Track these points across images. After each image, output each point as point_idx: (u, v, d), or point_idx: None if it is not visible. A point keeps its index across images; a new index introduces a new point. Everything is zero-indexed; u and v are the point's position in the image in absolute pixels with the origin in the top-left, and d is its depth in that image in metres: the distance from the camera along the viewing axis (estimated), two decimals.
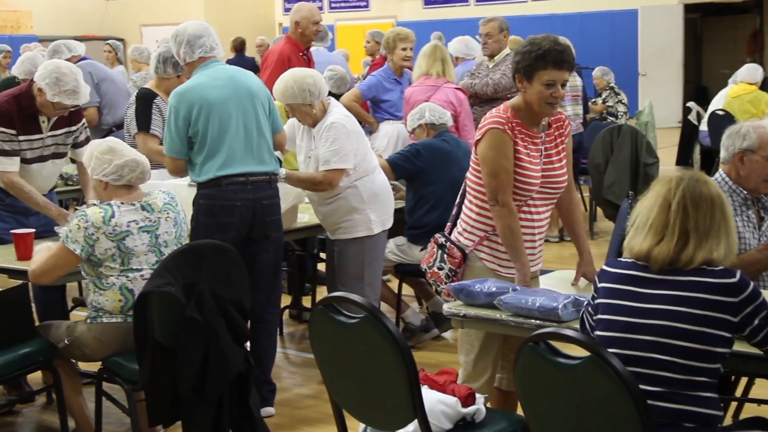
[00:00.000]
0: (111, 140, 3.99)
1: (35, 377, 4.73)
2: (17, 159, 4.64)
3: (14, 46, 12.71)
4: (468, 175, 3.65)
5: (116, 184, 3.87)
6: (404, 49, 6.86)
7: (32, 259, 3.97)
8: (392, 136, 6.86)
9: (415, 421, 2.82)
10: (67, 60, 6.61)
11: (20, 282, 4.04)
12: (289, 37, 6.62)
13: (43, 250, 3.97)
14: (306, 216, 5.14)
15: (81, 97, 4.58)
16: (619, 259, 2.76)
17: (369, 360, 2.84)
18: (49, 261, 3.85)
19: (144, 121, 5.05)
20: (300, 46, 6.52)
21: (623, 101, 10.41)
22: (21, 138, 4.63)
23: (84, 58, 7.32)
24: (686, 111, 10.69)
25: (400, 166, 5.37)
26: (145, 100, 5.10)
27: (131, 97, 5.34)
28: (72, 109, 4.68)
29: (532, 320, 3.10)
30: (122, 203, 3.83)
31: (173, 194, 4.04)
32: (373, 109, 7.05)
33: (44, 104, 4.57)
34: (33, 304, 4.27)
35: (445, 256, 3.63)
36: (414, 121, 5.55)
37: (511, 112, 3.53)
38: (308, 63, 6.44)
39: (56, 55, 6.71)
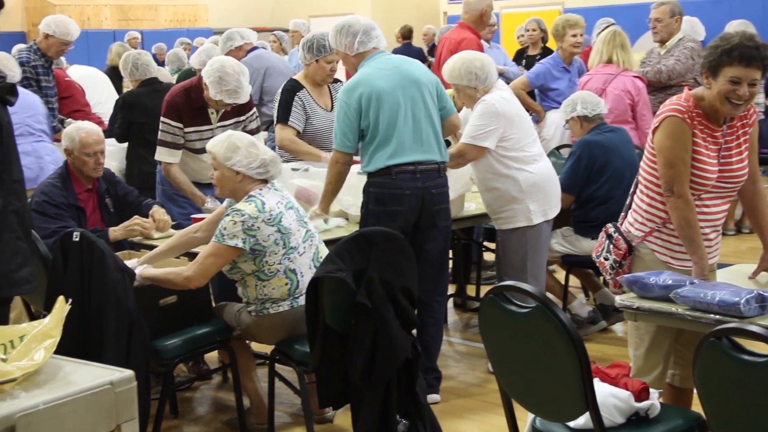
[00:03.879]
0: (237, 137, 4.03)
1: (212, 356, 4.93)
2: (177, 152, 4.89)
3: (191, 39, 13.25)
4: (641, 164, 3.55)
5: (257, 178, 3.96)
6: (574, 36, 6.74)
7: (176, 272, 3.95)
8: (559, 125, 6.75)
9: (586, 413, 2.78)
10: (239, 47, 6.85)
11: None
12: (468, 26, 6.62)
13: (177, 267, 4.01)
14: (473, 205, 5.14)
15: (241, 96, 4.75)
16: None
17: (540, 350, 2.82)
18: (206, 261, 3.86)
19: (283, 113, 5.15)
20: (479, 35, 6.52)
21: None
22: (189, 129, 4.86)
23: (255, 48, 7.45)
24: None
25: (571, 185, 5.17)
26: (289, 93, 5.18)
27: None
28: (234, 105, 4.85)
29: (711, 315, 2.98)
30: (261, 189, 3.95)
31: None
32: (540, 98, 6.96)
33: (209, 98, 4.77)
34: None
35: (611, 246, 3.55)
36: (567, 113, 5.42)
37: (693, 102, 3.37)
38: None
39: (230, 42, 6.96)
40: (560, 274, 5.67)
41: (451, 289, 6.00)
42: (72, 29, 6.58)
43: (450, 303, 5.99)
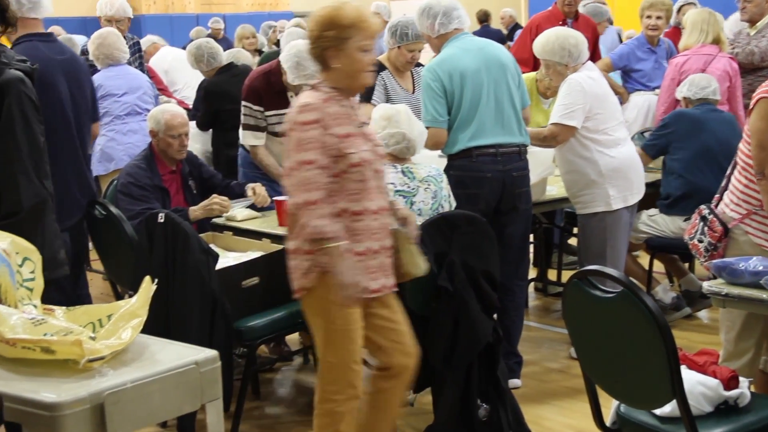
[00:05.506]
0: (396, 108, 4.07)
1: (293, 338, 4.97)
2: (261, 134, 4.93)
3: (277, 21, 13.32)
4: (740, 145, 3.45)
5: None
6: (648, 17, 6.59)
7: None
8: (642, 107, 6.61)
9: (673, 401, 2.72)
10: None
11: (281, 247, 4.23)
12: (554, 6, 6.60)
13: None
14: (554, 188, 5.08)
15: None
16: None
17: (625, 336, 2.76)
18: None
19: (366, 92, 5.15)
20: (559, 16, 6.44)
21: None
22: (269, 113, 4.88)
23: None
24: None
25: (650, 146, 5.25)
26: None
27: None
28: None
29: None
30: (386, 165, 3.95)
31: (441, 171, 4.09)
32: (624, 79, 6.82)
33: (287, 82, 4.78)
34: None
35: (706, 228, 3.47)
36: (679, 92, 5.40)
37: None
38: None
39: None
40: (644, 260, 5.57)
41: (533, 273, 5.94)
42: (103, 3, 6.45)
43: (531, 287, 5.94)
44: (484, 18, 13.38)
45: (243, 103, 4.93)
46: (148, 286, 2.52)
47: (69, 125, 4.22)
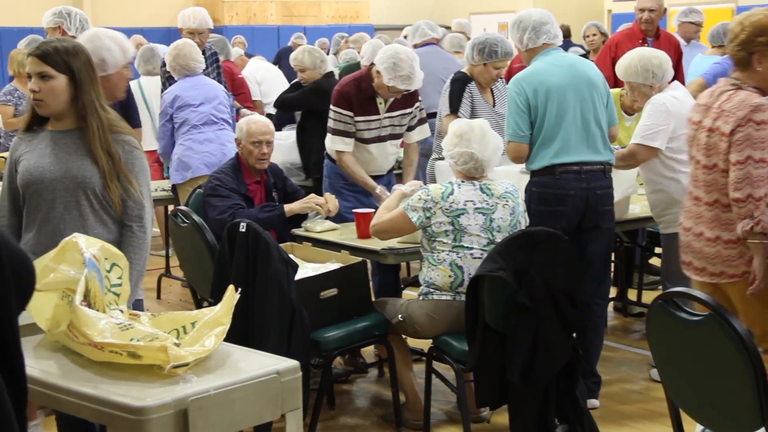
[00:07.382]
0: (471, 125, 4.06)
1: (367, 351, 4.98)
2: (350, 140, 4.95)
3: (352, 34, 13.44)
4: None
5: (455, 169, 4.00)
6: None
7: (376, 214, 4.22)
8: None
9: (761, 429, 2.65)
10: (425, 40, 6.90)
11: (360, 259, 4.25)
12: (634, 23, 6.54)
13: (385, 206, 4.23)
14: (637, 207, 4.99)
15: (414, 83, 4.79)
16: None
17: (712, 360, 2.69)
18: (389, 222, 4.07)
19: (455, 104, 5.14)
20: (638, 34, 6.38)
21: None
22: (358, 119, 4.91)
23: (430, 43, 7.36)
24: None
25: None
26: (460, 83, 5.17)
27: (446, 82, 5.41)
28: (405, 92, 4.87)
29: None
30: (462, 182, 3.95)
31: (517, 187, 4.08)
32: None
33: (380, 86, 4.82)
34: (370, 281, 4.48)
35: None
36: None
37: None
38: None
39: (417, 33, 7.06)
40: None
41: (613, 292, 5.84)
42: (186, 16, 6.51)
43: (610, 307, 5.85)
44: (565, 33, 13.28)
45: (332, 108, 4.96)
46: (231, 295, 2.54)
47: None
